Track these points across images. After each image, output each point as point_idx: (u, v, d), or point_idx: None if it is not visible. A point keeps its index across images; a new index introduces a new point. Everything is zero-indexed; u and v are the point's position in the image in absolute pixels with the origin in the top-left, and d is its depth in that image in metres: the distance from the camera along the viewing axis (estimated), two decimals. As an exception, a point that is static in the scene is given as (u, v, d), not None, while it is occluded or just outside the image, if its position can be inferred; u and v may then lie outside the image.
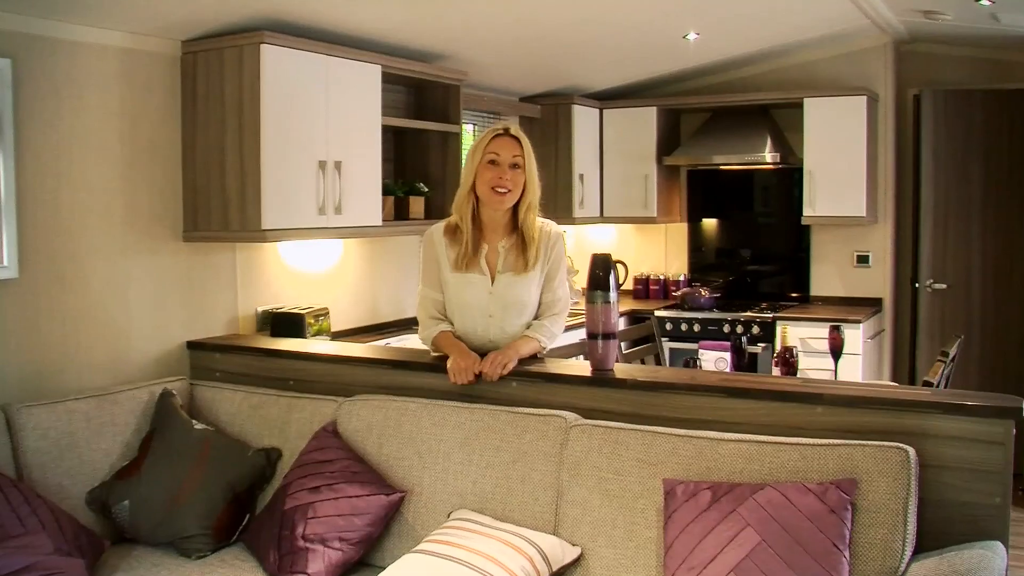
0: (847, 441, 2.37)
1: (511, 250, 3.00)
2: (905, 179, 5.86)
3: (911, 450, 2.30)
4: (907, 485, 2.26)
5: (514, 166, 2.93)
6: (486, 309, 3.01)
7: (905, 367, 5.88)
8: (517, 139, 2.96)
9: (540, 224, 3.03)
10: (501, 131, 2.96)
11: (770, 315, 5.47)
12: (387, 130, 4.30)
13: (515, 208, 2.99)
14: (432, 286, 3.07)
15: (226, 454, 3.02)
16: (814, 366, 5.02)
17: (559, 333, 3.10)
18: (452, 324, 3.08)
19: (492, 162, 2.94)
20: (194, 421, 3.16)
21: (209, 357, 3.58)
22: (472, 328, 3.05)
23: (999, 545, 2.25)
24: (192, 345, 3.63)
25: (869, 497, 2.27)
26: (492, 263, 3.01)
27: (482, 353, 3.00)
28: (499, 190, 2.93)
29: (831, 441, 2.39)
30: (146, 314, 3.51)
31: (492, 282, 3.00)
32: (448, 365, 2.96)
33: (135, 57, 3.44)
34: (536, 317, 3.08)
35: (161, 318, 3.56)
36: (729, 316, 5.58)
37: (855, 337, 5.14)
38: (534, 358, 3.07)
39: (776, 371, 3.80)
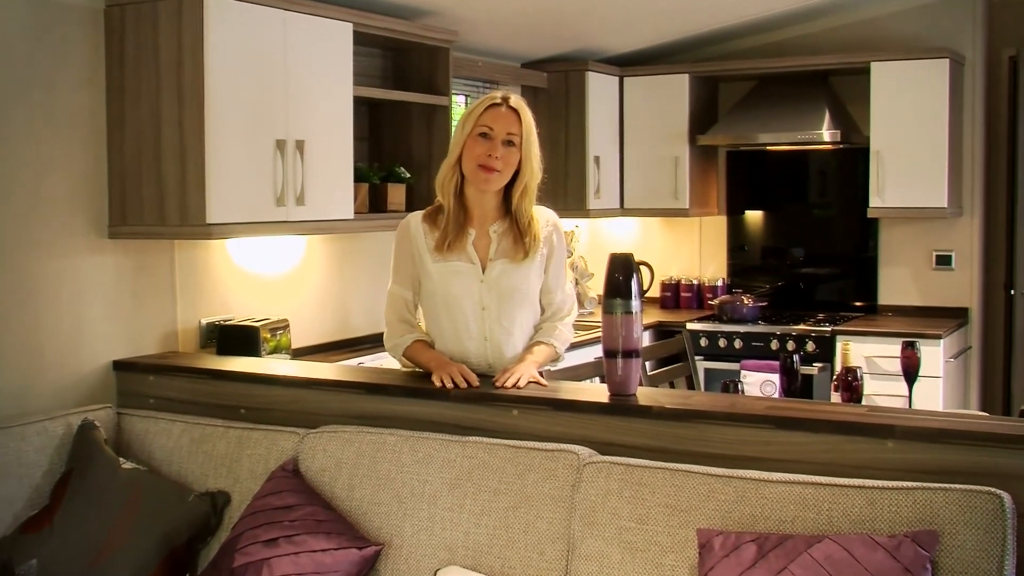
0: (925, 484, 2.36)
1: (505, 235, 3.10)
2: (997, 161, 5.85)
3: (1006, 496, 2.29)
4: (1001, 539, 2.25)
5: (508, 143, 3.02)
6: (479, 300, 3.09)
7: (997, 393, 5.87)
8: (516, 112, 3.04)
9: (536, 211, 3.14)
10: (499, 100, 3.05)
11: (828, 328, 5.47)
12: (360, 103, 4.29)
13: (507, 191, 3.09)
14: (404, 283, 3.17)
15: (161, 500, 3.01)
16: (883, 391, 5.00)
17: (571, 339, 3.22)
18: (425, 332, 3.18)
19: (483, 135, 3.02)
20: (121, 459, 3.14)
21: (141, 380, 3.58)
22: (464, 325, 3.11)
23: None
24: (120, 365, 3.62)
25: (953, 554, 2.25)
26: (482, 250, 3.11)
27: (476, 369, 3.09)
28: (486, 168, 3.00)
29: (905, 484, 2.38)
30: (62, 328, 3.49)
31: (483, 270, 3.09)
32: (433, 376, 3.05)
33: (47, 10, 3.43)
34: (539, 322, 3.20)
35: (81, 333, 3.55)
36: (778, 330, 5.57)
37: (934, 356, 5.12)
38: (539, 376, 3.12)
39: (836, 397, 3.79)
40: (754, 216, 6.34)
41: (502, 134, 3.02)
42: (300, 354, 4.13)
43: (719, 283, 6.27)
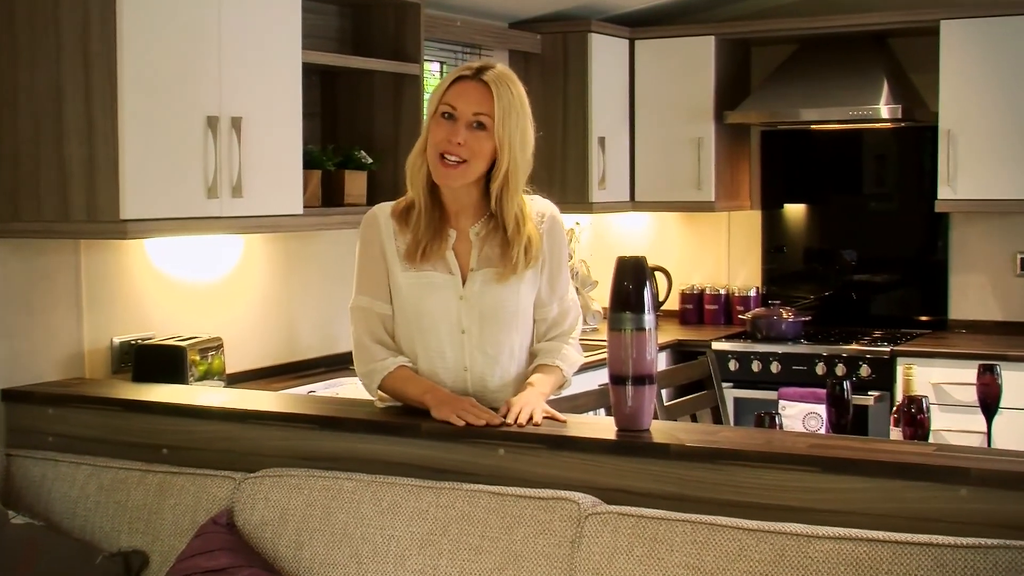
0: (1007, 541, 2.36)
1: (489, 238, 3.06)
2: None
3: (1105, 554, 2.30)
4: (1099, 607, 2.25)
5: (476, 125, 2.96)
6: (457, 322, 3.06)
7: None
8: (488, 86, 2.97)
9: (528, 202, 3.08)
10: (468, 72, 3.00)
11: (887, 348, 5.48)
12: (311, 71, 4.30)
13: (486, 183, 3.03)
14: (375, 294, 3.11)
15: (61, 562, 3.00)
16: (955, 426, 5.01)
17: (581, 361, 3.19)
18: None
19: (446, 116, 2.98)
20: (11, 512, 3.13)
21: (37, 414, 3.56)
22: (438, 352, 3.08)
23: None
24: (10, 396, 3.60)
25: (1041, 625, 2.26)
26: (463, 257, 3.07)
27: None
28: (448, 158, 2.96)
29: (982, 541, 2.38)
30: (-58, 348, 3.49)
31: (464, 283, 3.05)
32: (436, 412, 2.96)
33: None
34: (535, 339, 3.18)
35: (-35, 354, 3.54)
36: (824, 350, 5.58)
37: (1018, 382, 5.12)
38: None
39: (897, 434, 3.79)
40: (795, 211, 6.36)
41: (467, 114, 2.95)
42: (236, 380, 4.13)
43: (752, 293, 6.28)
